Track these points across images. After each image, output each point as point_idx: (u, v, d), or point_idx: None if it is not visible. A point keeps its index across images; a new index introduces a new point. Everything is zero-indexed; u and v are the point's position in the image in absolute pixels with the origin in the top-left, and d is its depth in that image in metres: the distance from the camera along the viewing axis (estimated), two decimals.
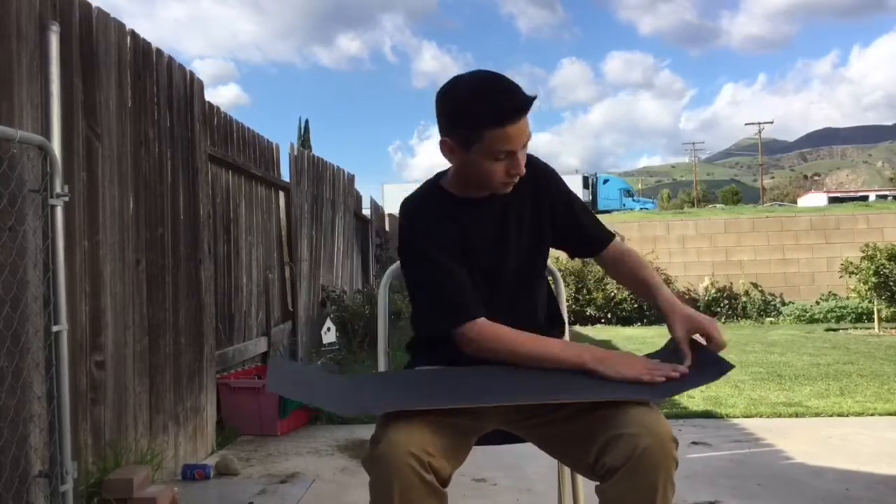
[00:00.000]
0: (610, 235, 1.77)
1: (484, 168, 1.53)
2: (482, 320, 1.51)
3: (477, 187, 1.61)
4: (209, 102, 3.92)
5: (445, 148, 1.56)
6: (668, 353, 1.55)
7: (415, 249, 1.60)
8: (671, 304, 1.57)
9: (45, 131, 2.24)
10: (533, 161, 1.67)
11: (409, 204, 1.67)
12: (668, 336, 1.57)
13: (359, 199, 8.87)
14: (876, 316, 9.75)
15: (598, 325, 11.25)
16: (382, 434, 1.31)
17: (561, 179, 1.74)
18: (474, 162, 1.52)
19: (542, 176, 1.69)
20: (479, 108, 1.46)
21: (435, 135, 1.60)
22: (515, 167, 1.54)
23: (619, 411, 1.34)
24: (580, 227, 1.74)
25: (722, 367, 1.45)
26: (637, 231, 12.79)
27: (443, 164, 1.67)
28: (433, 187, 1.68)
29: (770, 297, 12.17)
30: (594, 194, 37.02)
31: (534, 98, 1.47)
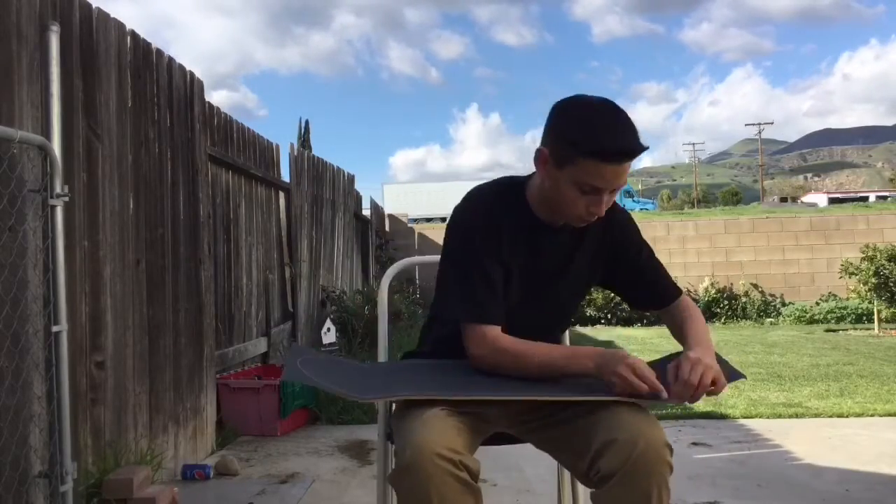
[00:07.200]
0: (674, 295, 1.69)
1: (567, 194, 1.48)
2: (499, 330, 1.51)
3: (553, 211, 1.56)
4: (209, 102, 3.92)
5: (540, 158, 1.51)
6: (665, 363, 1.56)
7: (466, 238, 1.55)
8: (696, 343, 1.51)
9: (46, 131, 2.24)
10: (612, 206, 1.63)
11: (480, 196, 1.61)
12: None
13: (359, 199, 8.86)
14: (876, 317, 9.75)
15: (599, 326, 11.24)
16: (406, 444, 1.28)
17: (636, 229, 1.70)
18: (561, 184, 1.48)
19: (616, 222, 1.66)
20: (591, 134, 1.42)
21: (418, 138, 1.59)
22: (596, 206, 1.49)
23: (613, 416, 1.34)
24: (644, 282, 1.69)
25: (731, 376, 1.47)
26: None
27: (431, 165, 1.68)
28: (515, 194, 1.60)
29: (770, 298, 12.16)
30: None
31: (644, 149, 1.43)
